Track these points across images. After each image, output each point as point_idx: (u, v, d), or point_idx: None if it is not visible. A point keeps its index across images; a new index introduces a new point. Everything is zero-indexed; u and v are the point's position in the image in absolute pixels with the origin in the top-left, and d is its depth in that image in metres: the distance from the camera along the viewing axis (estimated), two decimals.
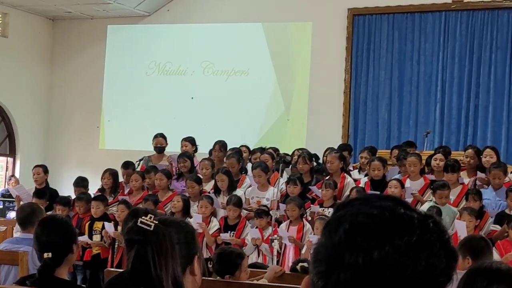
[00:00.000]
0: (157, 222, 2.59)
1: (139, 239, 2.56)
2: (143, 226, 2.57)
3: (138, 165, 11.59)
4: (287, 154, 10.97)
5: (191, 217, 9.61)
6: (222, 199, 9.94)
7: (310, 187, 9.87)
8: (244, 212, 9.80)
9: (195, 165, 11.05)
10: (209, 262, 5.77)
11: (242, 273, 5.76)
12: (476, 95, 13.13)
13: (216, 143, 11.51)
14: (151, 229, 2.56)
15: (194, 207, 9.86)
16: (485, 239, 5.88)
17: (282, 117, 14.47)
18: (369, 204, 1.41)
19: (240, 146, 11.66)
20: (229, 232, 9.41)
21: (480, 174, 9.43)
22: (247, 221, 9.60)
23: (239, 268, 5.73)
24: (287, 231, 9.07)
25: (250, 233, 9.23)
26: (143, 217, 2.59)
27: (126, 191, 10.87)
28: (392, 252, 1.33)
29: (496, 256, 8.06)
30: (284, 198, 9.75)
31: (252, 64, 14.72)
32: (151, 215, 2.63)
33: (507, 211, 8.65)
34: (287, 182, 9.90)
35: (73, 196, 10.63)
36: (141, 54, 15.55)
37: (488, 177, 9.26)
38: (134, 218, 2.77)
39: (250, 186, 10.31)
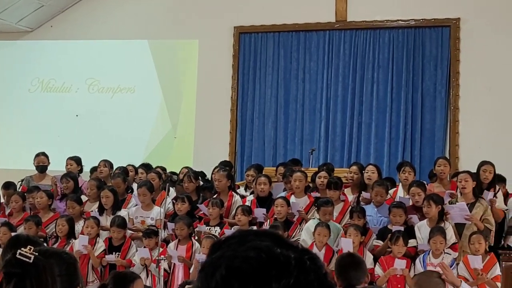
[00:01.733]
0: (37, 253, 2.49)
1: (17, 272, 2.45)
2: (22, 258, 2.46)
3: (20, 185, 11.26)
4: (174, 173, 10.90)
5: (75, 238, 9.43)
6: (106, 219, 9.78)
7: (198, 205, 9.82)
8: (128, 232, 9.67)
9: (80, 185, 10.84)
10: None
11: None
12: (360, 112, 13.41)
13: (101, 161, 11.35)
14: (31, 261, 2.46)
15: (75, 228, 9.68)
16: (353, 255, 5.92)
17: (169, 134, 14.38)
18: (246, 244, 1.38)
19: (127, 165, 11.51)
20: (114, 253, 9.26)
21: (364, 194, 9.60)
22: (132, 242, 9.47)
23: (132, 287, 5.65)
24: (176, 250, 9.00)
25: (139, 253, 9.12)
26: (22, 249, 2.49)
27: (7, 213, 10.53)
28: None
29: (379, 271, 8.28)
30: (172, 217, 9.69)
31: (138, 82, 14.57)
32: (30, 246, 2.52)
33: (389, 226, 8.86)
34: (175, 200, 9.85)
35: None
36: (24, 70, 15.13)
37: (370, 194, 9.46)
38: (13, 248, 2.66)
39: (136, 205, 10.18)
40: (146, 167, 11.53)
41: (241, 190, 10.90)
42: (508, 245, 9.62)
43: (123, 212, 9.89)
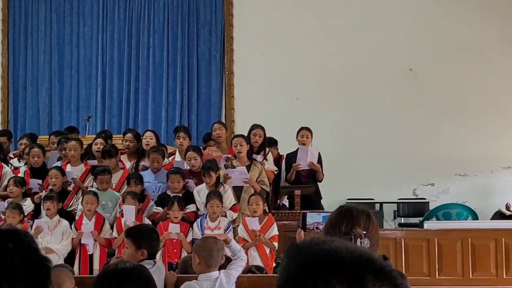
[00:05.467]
0: None
1: None
2: None
3: None
4: None
5: None
6: None
7: None
8: None
9: None
10: None
11: None
12: (136, 78, 13.34)
13: None
14: None
15: None
16: (155, 230, 5.90)
17: None
18: None
19: None
20: None
21: (142, 163, 9.56)
22: None
23: None
24: None
25: None
26: None
27: None
28: None
29: None
30: None
31: None
32: None
33: (168, 192, 8.89)
34: None
35: None
36: None
37: (147, 160, 9.43)
38: None
39: None
40: None
41: (15, 161, 10.50)
42: (283, 204, 10.03)
43: None
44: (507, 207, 10.88)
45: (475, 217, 11.22)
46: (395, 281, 1.32)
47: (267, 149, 9.64)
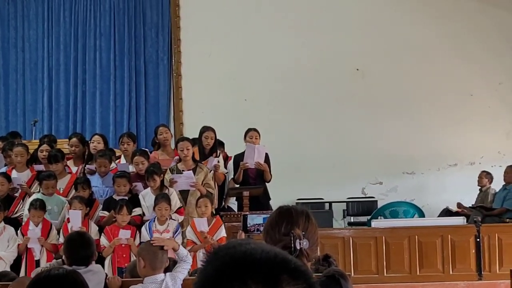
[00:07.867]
0: None
1: None
2: None
3: None
4: None
5: None
6: None
7: None
8: None
9: None
10: None
11: None
12: (83, 81, 13.21)
13: None
14: None
15: None
16: (83, 235, 5.82)
17: None
18: None
19: None
20: None
21: (89, 166, 9.48)
22: None
23: None
24: None
25: None
26: None
27: None
28: None
29: (104, 242, 8.26)
30: None
31: None
32: None
33: (114, 196, 8.84)
34: None
35: None
36: None
37: (94, 164, 9.36)
38: None
39: None
40: None
41: None
42: (229, 206, 10.03)
43: None
44: (458, 206, 10.98)
45: (421, 215, 11.38)
46: (309, 280, 1.34)
47: (218, 151, 9.66)
